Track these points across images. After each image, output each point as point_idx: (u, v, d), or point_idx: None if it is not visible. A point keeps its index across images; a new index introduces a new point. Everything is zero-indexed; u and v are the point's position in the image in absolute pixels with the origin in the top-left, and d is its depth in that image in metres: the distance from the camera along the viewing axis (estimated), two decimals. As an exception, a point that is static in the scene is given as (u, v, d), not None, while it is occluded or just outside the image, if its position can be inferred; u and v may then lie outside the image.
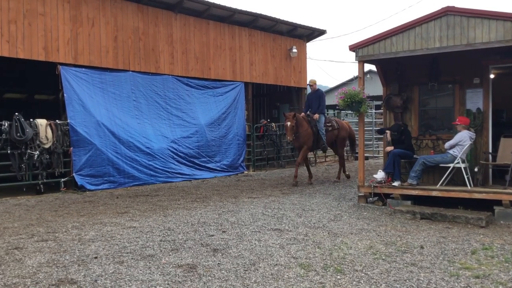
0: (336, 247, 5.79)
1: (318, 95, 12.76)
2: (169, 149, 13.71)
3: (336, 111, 24.17)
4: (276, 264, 5.07)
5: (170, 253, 5.53)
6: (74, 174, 11.50)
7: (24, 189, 10.96)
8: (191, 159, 14.35)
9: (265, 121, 17.44)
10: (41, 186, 11.11)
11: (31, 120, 11.06)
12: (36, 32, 11.27)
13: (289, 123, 11.84)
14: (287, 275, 4.70)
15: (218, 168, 15.07)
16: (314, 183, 12.35)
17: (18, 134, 10.61)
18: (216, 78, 15.68)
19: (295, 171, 12.14)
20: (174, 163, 13.76)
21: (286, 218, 7.64)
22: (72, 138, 11.59)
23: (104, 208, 8.87)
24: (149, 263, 5.14)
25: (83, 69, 12.19)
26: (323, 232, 6.61)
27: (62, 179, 11.50)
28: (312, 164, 18.45)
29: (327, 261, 5.20)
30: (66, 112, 11.66)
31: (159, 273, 4.77)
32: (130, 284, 4.43)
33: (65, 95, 11.67)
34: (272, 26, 17.20)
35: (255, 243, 5.97)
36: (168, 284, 4.44)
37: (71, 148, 11.54)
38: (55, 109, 12.79)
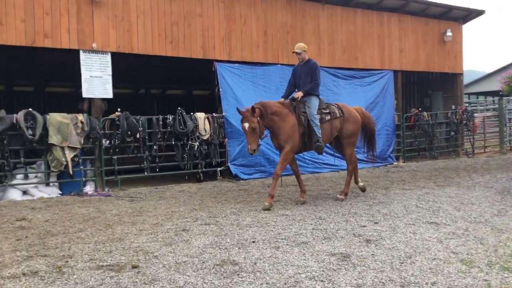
0: (501, 243, 5.35)
1: (309, 68, 8.51)
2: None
3: (496, 98, 22.14)
4: (434, 258, 4.85)
5: (323, 242, 5.61)
6: (229, 164, 12.26)
7: (186, 177, 11.99)
8: (339, 150, 14.31)
9: (416, 110, 16.66)
10: (201, 174, 12.05)
11: (191, 113, 12.02)
12: (195, 32, 12.19)
13: (246, 125, 7.73)
14: (447, 270, 4.48)
15: (366, 159, 14.81)
16: (473, 176, 11.45)
17: (181, 127, 11.60)
18: (364, 68, 15.38)
19: (272, 186, 8.02)
20: (322, 154, 13.84)
21: (442, 211, 7.25)
22: (226, 130, 12.36)
23: (258, 196, 9.31)
24: (303, 249, 5.28)
25: (236, 64, 12.87)
26: (485, 228, 6.14)
27: (219, 169, 12.32)
28: (469, 155, 17.21)
29: (491, 258, 4.84)
30: (221, 106, 12.46)
31: (314, 260, 4.88)
32: (287, 269, 4.60)
33: (220, 89, 12.45)
34: (424, 9, 16.31)
35: (410, 236, 5.78)
36: (323, 271, 4.52)
37: (226, 139, 12.31)
38: (211, 103, 13.71)
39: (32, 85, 17.80)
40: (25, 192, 10.02)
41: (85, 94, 10.84)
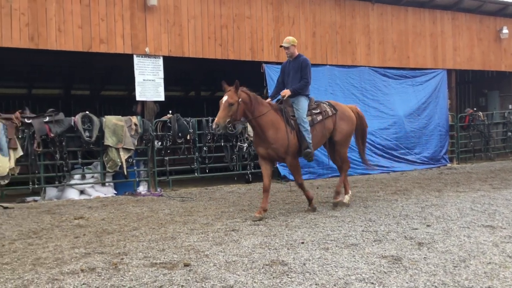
0: None
1: (299, 64, 7.66)
2: (366, 141, 13.65)
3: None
4: (490, 262, 4.71)
5: (373, 244, 5.55)
6: (277, 165, 12.28)
7: (235, 178, 12.13)
8: (389, 151, 14.09)
9: (471, 110, 16.13)
10: (250, 175, 12.16)
11: (240, 115, 12.16)
12: (243, 34, 12.32)
13: (224, 98, 7.04)
14: (503, 275, 4.34)
15: (418, 161, 14.50)
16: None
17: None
18: (415, 67, 15.04)
19: (304, 193, 7.76)
20: (371, 155, 13.65)
21: (499, 214, 7.00)
22: (275, 131, 12.39)
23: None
24: (353, 251, 5.24)
25: (285, 66, 12.90)
26: (545, 232, 5.89)
27: (267, 170, 12.38)
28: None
29: (552, 264, 4.64)
30: (270, 107, 12.50)
31: (364, 262, 4.84)
32: (337, 270, 4.59)
33: (268, 91, 12.51)
34: (479, 6, 15.76)
35: (464, 239, 5.62)
36: (373, 273, 4.48)
37: (275, 140, 12.36)
38: (259, 105, 13.78)
39: (88, 88, 18.51)
40: (82, 192, 10.45)
41: (138, 97, 11.18)
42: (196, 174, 11.79)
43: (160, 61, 11.26)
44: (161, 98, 11.38)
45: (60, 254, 5.41)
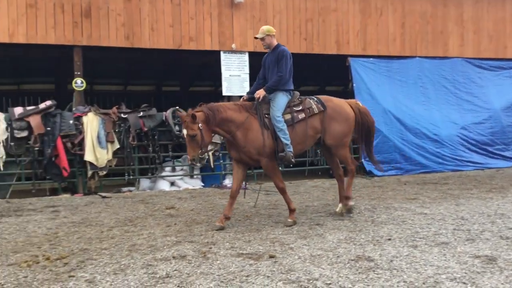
0: None
1: (276, 56, 6.71)
2: (458, 136, 13.04)
3: None
4: None
5: (465, 243, 5.30)
6: (362, 160, 12.06)
7: (319, 173, 12.09)
8: (484, 147, 13.31)
9: None
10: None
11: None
12: (329, 28, 12.22)
13: (184, 131, 6.37)
14: None
15: (518, 158, 13.58)
16: None
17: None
18: (514, 57, 14.08)
19: (285, 200, 6.82)
20: (464, 151, 13.01)
21: None
22: (360, 126, 12.17)
23: (393, 194, 9.06)
24: (444, 250, 5.05)
25: (371, 59, 12.62)
26: None
27: (353, 165, 12.22)
28: None
29: None
30: (355, 101, 12.30)
31: (455, 261, 4.65)
32: (426, 268, 4.45)
33: (354, 85, 12.32)
34: None
35: None
36: (465, 273, 4.29)
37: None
38: (344, 99, 13.60)
39: (178, 85, 19.25)
40: (172, 183, 10.94)
41: (225, 92, 11.48)
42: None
43: (246, 57, 11.48)
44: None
45: (153, 242, 5.72)
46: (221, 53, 11.27)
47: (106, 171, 10.16)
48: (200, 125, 6.20)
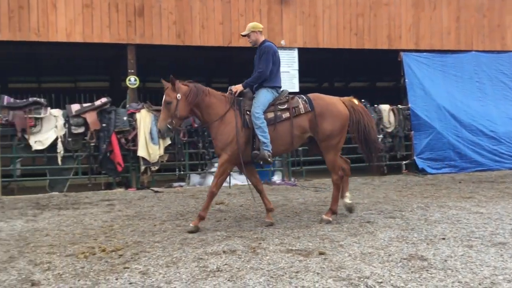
0: None
1: (260, 52, 6.62)
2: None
3: None
4: None
5: (525, 244, 5.09)
6: (415, 157, 11.79)
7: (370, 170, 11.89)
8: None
9: None
10: (385, 167, 11.84)
11: (375, 106, 11.86)
12: (380, 22, 11.99)
13: (164, 97, 6.35)
14: None
15: None
16: None
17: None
18: None
19: (204, 205, 6.30)
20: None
21: None
22: (413, 122, 11.90)
23: (447, 192, 8.80)
24: (501, 250, 4.86)
25: (424, 53, 12.29)
26: None
27: (404, 162, 11.96)
28: None
29: None
30: (407, 97, 12.02)
31: (514, 262, 4.47)
32: (482, 269, 4.30)
33: (406, 80, 12.03)
34: None
35: None
36: (525, 275, 4.12)
37: (412, 132, 11.86)
38: (395, 95, 13.33)
39: (227, 82, 19.42)
40: (221, 179, 11.05)
41: (272, 89, 11.47)
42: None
43: (295, 53, 11.44)
44: (296, 89, 11.54)
45: (204, 236, 5.82)
46: (270, 49, 11.27)
47: (158, 167, 10.40)
48: (179, 95, 6.18)
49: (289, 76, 11.39)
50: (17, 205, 8.28)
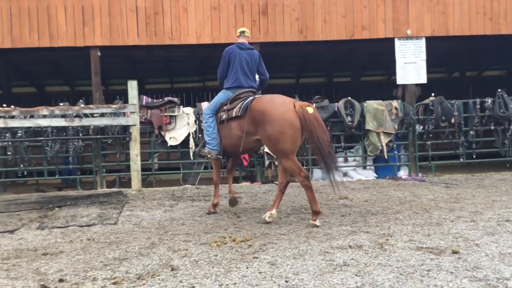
0: None
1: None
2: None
3: None
4: None
5: None
6: None
7: (508, 165, 10.98)
8: None
9: None
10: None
11: (514, 95, 10.92)
12: (520, 5, 10.97)
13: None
14: None
15: None
16: None
17: (502, 110, 10.68)
18: None
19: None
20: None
21: None
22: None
23: None
24: None
25: None
26: None
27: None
28: None
29: None
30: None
31: None
32: None
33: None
34: None
35: None
36: None
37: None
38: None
39: (349, 76, 19.16)
40: (345, 174, 10.97)
41: (399, 81, 11.10)
42: (461, 159, 11.12)
43: (422, 42, 10.93)
44: (423, 80, 11.05)
45: (329, 230, 5.83)
46: (395, 40, 10.90)
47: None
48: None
49: (416, 67, 10.93)
50: (156, 196, 8.99)
